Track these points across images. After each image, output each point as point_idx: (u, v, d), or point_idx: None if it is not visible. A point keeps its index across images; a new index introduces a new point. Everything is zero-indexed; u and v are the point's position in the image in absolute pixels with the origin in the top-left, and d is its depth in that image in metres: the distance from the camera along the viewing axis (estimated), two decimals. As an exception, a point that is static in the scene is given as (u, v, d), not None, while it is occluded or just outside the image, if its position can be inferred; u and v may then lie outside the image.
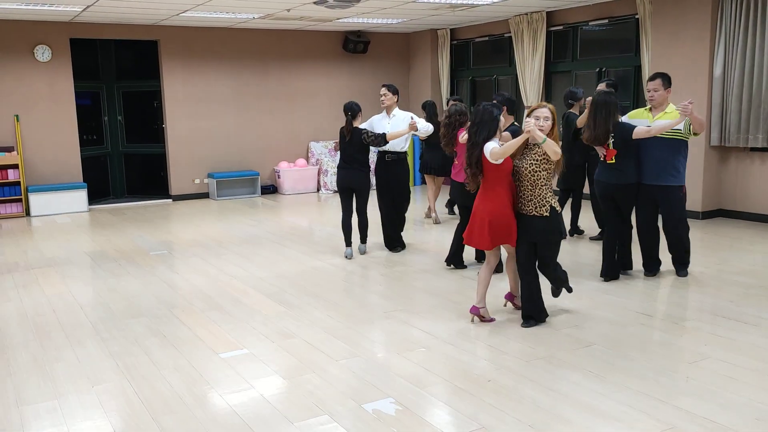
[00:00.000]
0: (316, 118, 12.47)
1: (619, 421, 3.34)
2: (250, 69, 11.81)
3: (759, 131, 7.99)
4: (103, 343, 4.61)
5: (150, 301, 5.59)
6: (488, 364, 4.10)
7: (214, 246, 7.72)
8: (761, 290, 5.50)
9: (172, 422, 3.44)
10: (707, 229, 7.97)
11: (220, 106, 11.65)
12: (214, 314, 5.21)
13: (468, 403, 3.59)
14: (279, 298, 5.62)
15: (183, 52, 11.23)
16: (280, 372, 4.06)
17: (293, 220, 9.47)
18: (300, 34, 12.11)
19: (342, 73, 12.59)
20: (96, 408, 3.62)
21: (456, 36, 12.46)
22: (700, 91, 8.34)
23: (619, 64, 9.74)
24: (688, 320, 4.84)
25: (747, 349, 4.26)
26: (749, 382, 3.77)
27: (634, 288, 5.66)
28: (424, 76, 12.94)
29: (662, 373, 3.92)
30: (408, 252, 7.17)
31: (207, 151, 11.63)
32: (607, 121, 5.61)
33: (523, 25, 10.76)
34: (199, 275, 6.42)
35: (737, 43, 8.06)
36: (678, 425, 3.29)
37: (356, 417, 3.45)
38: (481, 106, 4.76)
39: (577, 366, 4.04)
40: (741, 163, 8.45)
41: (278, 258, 7.07)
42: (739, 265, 6.31)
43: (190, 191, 11.62)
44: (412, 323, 4.89)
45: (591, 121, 5.69)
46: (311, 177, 12.19)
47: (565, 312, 5.07)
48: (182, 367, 4.16)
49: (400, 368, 4.08)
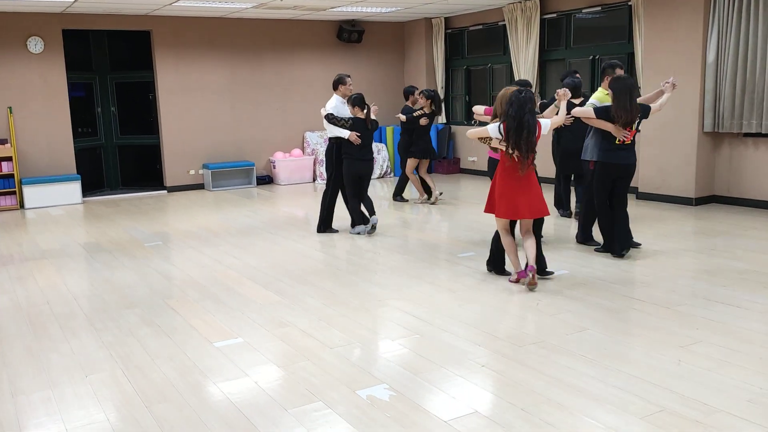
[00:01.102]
0: (311, 108, 12.45)
1: (611, 404, 3.36)
2: (244, 59, 11.77)
3: (753, 116, 8.00)
4: (97, 334, 4.62)
5: (144, 292, 5.59)
6: (482, 350, 4.11)
7: (209, 237, 7.72)
8: (754, 275, 5.52)
9: (166, 410, 3.45)
10: (700, 216, 7.99)
11: (214, 96, 11.62)
12: (208, 304, 5.22)
13: (461, 387, 3.60)
14: (274, 287, 5.63)
15: (176, 43, 11.19)
16: (275, 360, 4.07)
17: (289, 210, 9.47)
18: (294, 24, 12.06)
19: (336, 63, 12.56)
20: (90, 397, 3.63)
21: (450, 25, 12.43)
22: (693, 77, 8.34)
23: (613, 52, 9.73)
24: (680, 305, 4.85)
25: (739, 332, 4.29)
26: (741, 365, 3.79)
27: (627, 273, 5.68)
28: (419, 66, 12.91)
29: (654, 356, 3.94)
30: (403, 240, 7.18)
31: (202, 141, 11.61)
32: (636, 102, 5.84)
33: (517, 13, 10.74)
34: (194, 265, 6.42)
35: (730, 29, 8.05)
36: (670, 408, 3.31)
37: (350, 403, 3.47)
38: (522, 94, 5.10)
39: (570, 350, 4.06)
40: (734, 149, 8.46)
41: (273, 248, 7.07)
42: (733, 251, 6.33)
43: (185, 182, 11.60)
44: (406, 310, 4.91)
45: (626, 104, 5.73)
46: (307, 167, 12.17)
47: (557, 297, 5.09)
48: (176, 357, 4.17)
49: (394, 354, 4.10)
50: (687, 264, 5.95)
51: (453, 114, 12.97)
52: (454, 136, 12.76)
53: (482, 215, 8.37)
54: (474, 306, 4.96)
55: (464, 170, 12.62)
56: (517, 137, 5.06)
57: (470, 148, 12.39)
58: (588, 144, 6.29)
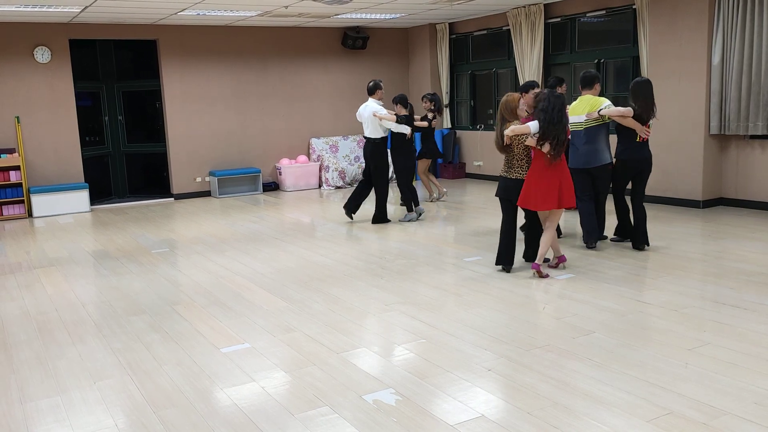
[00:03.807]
0: (316, 115, 12.50)
1: (618, 408, 3.35)
2: (250, 66, 11.83)
3: (759, 119, 7.98)
4: (105, 340, 4.64)
5: (152, 298, 5.62)
6: (488, 354, 4.11)
7: (215, 243, 7.75)
8: (762, 277, 5.50)
9: (174, 416, 3.47)
10: (708, 218, 7.96)
11: (220, 104, 11.67)
12: (215, 310, 5.24)
13: (468, 392, 3.61)
14: (280, 292, 5.64)
15: (182, 51, 11.26)
16: (281, 365, 4.08)
17: (295, 216, 9.50)
18: (298, 31, 12.12)
19: (341, 70, 12.61)
20: (98, 403, 3.65)
21: (455, 30, 12.45)
22: (698, 80, 8.33)
23: (617, 55, 9.74)
24: (687, 307, 4.84)
25: (747, 335, 4.27)
26: (748, 367, 3.78)
27: (633, 276, 5.66)
28: (424, 71, 12.94)
29: (661, 359, 3.93)
30: (409, 245, 7.19)
31: (208, 149, 11.66)
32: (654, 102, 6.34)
33: (521, 18, 10.75)
34: (201, 272, 6.45)
35: (735, 31, 8.04)
36: (677, 410, 3.30)
37: (356, 407, 3.47)
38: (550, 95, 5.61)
39: (577, 354, 4.05)
40: (741, 152, 8.44)
41: (280, 253, 7.09)
42: (740, 253, 6.31)
43: (192, 190, 11.65)
44: (412, 315, 4.91)
45: (648, 103, 6.25)
46: (313, 173, 12.21)
47: (564, 300, 5.08)
48: (184, 362, 4.18)
49: (400, 359, 4.10)
50: (694, 266, 5.93)
51: (458, 119, 12.98)
52: (460, 141, 12.77)
53: (488, 219, 8.39)
54: (480, 310, 4.96)
55: (470, 175, 12.63)
56: (551, 131, 5.47)
57: (476, 152, 12.40)
58: (597, 149, 6.43)
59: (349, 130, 12.84)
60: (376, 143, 8.19)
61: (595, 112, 6.37)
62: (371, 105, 8.20)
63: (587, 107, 6.46)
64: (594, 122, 6.43)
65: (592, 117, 6.39)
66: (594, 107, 6.41)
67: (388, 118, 8.05)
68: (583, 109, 6.47)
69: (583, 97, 6.58)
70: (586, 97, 6.55)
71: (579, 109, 6.51)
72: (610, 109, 6.32)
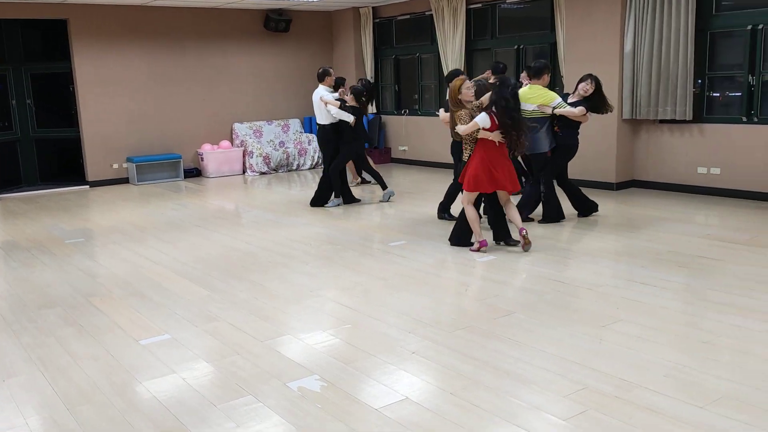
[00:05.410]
0: (238, 99, 12.24)
1: (536, 384, 3.46)
2: (168, 48, 11.44)
3: (668, 103, 8.35)
4: (13, 335, 4.42)
5: (65, 291, 5.39)
6: (412, 337, 4.16)
7: (134, 232, 7.50)
8: (671, 255, 5.78)
9: (90, 412, 3.34)
10: (621, 199, 8.30)
11: (136, 87, 11.25)
12: (134, 301, 5.08)
13: (392, 375, 3.64)
14: (202, 281, 5.52)
15: (94, 32, 10.76)
16: (203, 356, 4.00)
17: (218, 203, 9.30)
18: (219, 12, 11.80)
19: (264, 53, 12.37)
20: (7, 402, 3.48)
21: (378, 14, 12.43)
22: (611, 66, 8.63)
23: (536, 42, 9.96)
24: (601, 286, 5.04)
25: (657, 311, 4.48)
26: (658, 341, 3.97)
27: (551, 257, 5.84)
28: (348, 55, 12.86)
29: (577, 336, 4.08)
30: (334, 230, 7.17)
31: (125, 134, 11.23)
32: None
33: (443, 3, 10.83)
34: (119, 262, 6.23)
35: (646, 20, 8.36)
36: (591, 385, 3.43)
37: (281, 395, 3.45)
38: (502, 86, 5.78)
39: (497, 334, 4.15)
40: (651, 135, 8.81)
41: (202, 242, 6.93)
42: (652, 233, 6.61)
43: (109, 176, 11.22)
44: (337, 300, 4.91)
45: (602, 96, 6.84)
46: (236, 159, 11.97)
47: (485, 282, 5.19)
48: (100, 356, 4.04)
49: (325, 345, 4.09)
50: (608, 246, 6.17)
51: (383, 104, 12.99)
52: (385, 126, 12.79)
53: (413, 204, 8.46)
54: (405, 294, 5.01)
55: (395, 159, 12.69)
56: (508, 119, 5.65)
57: (401, 137, 12.46)
58: (539, 137, 6.70)
59: (273, 114, 12.65)
60: (324, 128, 8.44)
61: (549, 107, 6.62)
62: (320, 91, 8.42)
63: (539, 99, 6.65)
64: (541, 114, 6.67)
65: (546, 112, 6.66)
66: (546, 101, 6.64)
67: (332, 104, 8.21)
68: (535, 100, 6.65)
69: (533, 86, 6.74)
70: (536, 87, 6.73)
71: (529, 96, 6.65)
72: (565, 110, 6.63)
